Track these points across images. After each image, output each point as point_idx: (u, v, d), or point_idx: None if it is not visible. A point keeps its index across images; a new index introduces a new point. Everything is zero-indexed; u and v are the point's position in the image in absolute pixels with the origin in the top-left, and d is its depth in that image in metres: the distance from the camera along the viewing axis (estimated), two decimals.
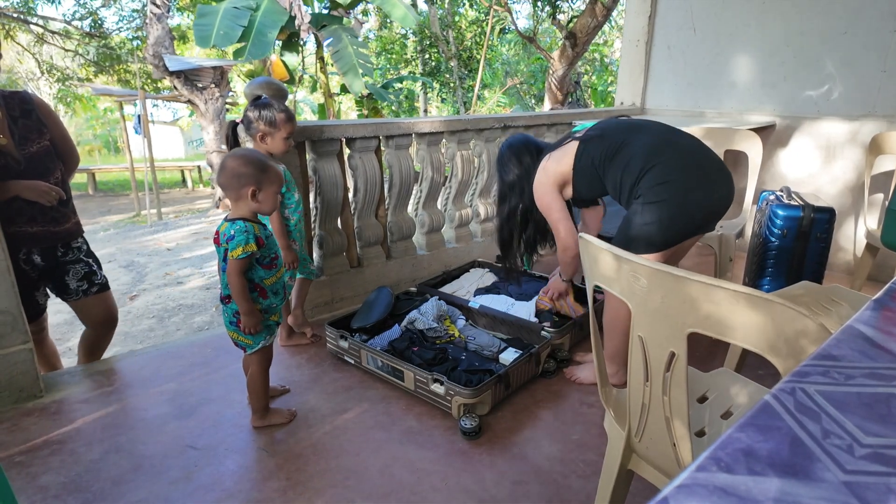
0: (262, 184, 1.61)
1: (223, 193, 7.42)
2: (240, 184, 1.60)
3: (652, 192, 1.75)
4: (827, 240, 2.27)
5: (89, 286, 2.20)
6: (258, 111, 2.03)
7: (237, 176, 1.60)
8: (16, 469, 1.62)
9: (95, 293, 2.22)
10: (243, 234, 1.59)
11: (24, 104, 1.98)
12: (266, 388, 1.83)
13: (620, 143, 1.83)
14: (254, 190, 1.60)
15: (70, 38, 13.29)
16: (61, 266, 2.13)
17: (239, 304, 1.65)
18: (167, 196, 11.11)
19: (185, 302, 4.56)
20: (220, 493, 1.53)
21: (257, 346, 1.73)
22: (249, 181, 1.60)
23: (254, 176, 1.60)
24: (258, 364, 1.76)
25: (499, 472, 1.60)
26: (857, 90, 2.97)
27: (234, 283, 1.61)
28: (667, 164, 1.75)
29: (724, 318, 0.83)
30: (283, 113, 2.04)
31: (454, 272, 2.96)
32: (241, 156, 1.64)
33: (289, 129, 2.06)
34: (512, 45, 16.52)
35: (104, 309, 2.28)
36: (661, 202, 1.74)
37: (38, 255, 2.06)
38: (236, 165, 1.61)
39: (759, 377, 1.38)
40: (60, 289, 2.17)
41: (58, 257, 2.11)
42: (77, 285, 2.17)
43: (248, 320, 1.66)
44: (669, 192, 1.74)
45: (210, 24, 6.57)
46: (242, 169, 1.60)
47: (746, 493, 0.40)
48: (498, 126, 3.31)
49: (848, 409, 0.51)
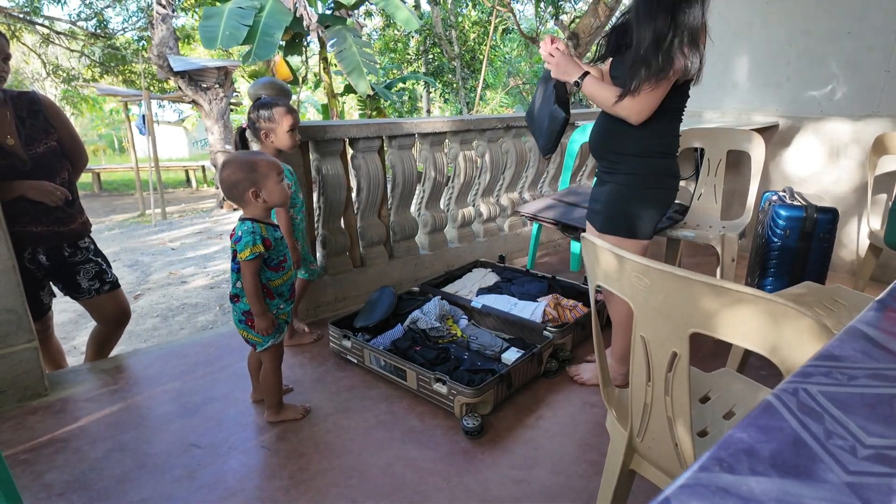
0: (257, 182, 1.61)
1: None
2: (239, 191, 1.61)
3: (665, 179, 1.76)
4: (830, 240, 2.27)
5: (101, 284, 2.22)
6: (258, 111, 2.07)
7: (233, 185, 1.61)
8: (21, 467, 1.62)
9: (108, 291, 2.25)
10: (250, 234, 1.59)
11: (32, 105, 1.99)
12: (279, 384, 1.84)
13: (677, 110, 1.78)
14: (254, 191, 1.61)
15: (75, 38, 13.35)
16: (69, 266, 2.14)
17: (252, 306, 1.66)
18: (171, 196, 11.15)
19: (189, 301, 4.57)
20: (223, 491, 1.54)
21: (267, 344, 1.75)
22: (246, 185, 1.60)
23: (247, 178, 1.61)
24: (270, 361, 1.78)
25: (501, 472, 1.60)
26: (861, 90, 2.96)
27: (248, 284, 1.62)
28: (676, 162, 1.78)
29: (726, 318, 0.83)
30: (280, 106, 2.06)
31: (456, 272, 2.96)
32: (229, 162, 1.64)
33: (289, 121, 2.07)
34: (515, 46, 16.52)
35: (116, 306, 2.31)
36: (666, 192, 1.77)
37: (44, 254, 2.07)
38: (228, 175, 1.61)
39: (761, 377, 1.38)
40: (72, 288, 2.18)
41: (65, 257, 2.12)
42: (89, 284, 2.19)
43: (260, 322, 1.67)
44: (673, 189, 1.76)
45: (216, 26, 6.59)
46: (234, 176, 1.61)
47: (748, 494, 0.40)
48: (500, 126, 3.31)
49: (851, 409, 0.50)
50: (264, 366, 1.80)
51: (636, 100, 1.63)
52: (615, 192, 1.79)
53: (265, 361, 1.78)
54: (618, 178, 1.79)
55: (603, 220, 1.84)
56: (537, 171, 3.70)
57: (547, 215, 2.80)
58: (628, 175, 1.77)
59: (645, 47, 1.56)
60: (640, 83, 1.59)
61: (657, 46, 1.55)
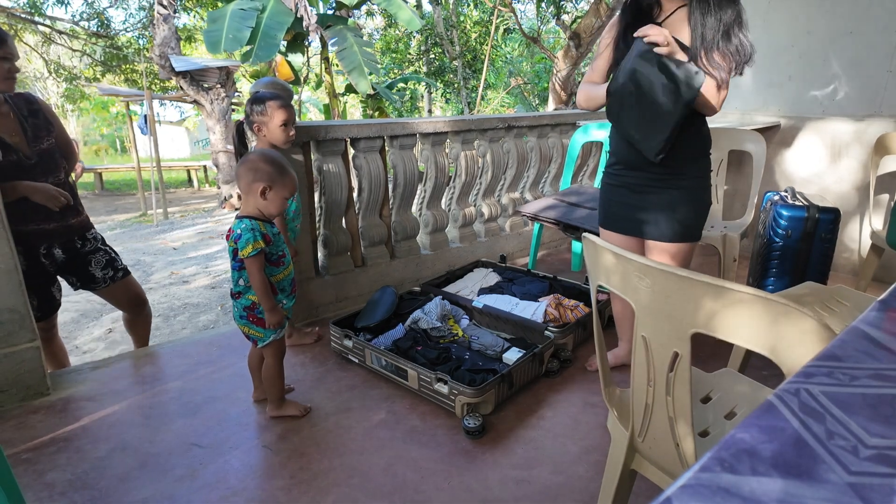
0: (275, 184, 1.65)
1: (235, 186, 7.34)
2: (254, 177, 1.63)
3: (707, 178, 1.75)
4: (832, 240, 2.26)
5: (114, 272, 2.28)
6: (252, 105, 2.07)
7: (254, 170, 1.64)
8: (23, 466, 1.63)
9: (121, 278, 2.30)
10: (249, 231, 1.61)
11: (30, 104, 2.04)
12: (281, 379, 1.86)
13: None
14: (265, 187, 1.64)
15: (77, 38, 13.37)
16: (82, 257, 2.19)
17: (262, 302, 1.68)
18: (173, 195, 11.16)
19: (190, 301, 4.58)
20: (224, 490, 1.54)
21: (268, 339, 1.76)
22: (263, 177, 1.63)
23: (270, 174, 1.64)
24: (272, 356, 1.80)
25: (502, 472, 1.60)
26: (863, 90, 2.96)
27: (256, 280, 1.65)
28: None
29: (727, 318, 0.83)
30: (274, 100, 2.05)
31: (458, 272, 2.96)
32: (264, 153, 1.70)
33: (282, 115, 2.04)
34: (516, 46, 16.51)
35: (131, 292, 2.37)
36: (706, 190, 1.75)
37: (60, 248, 2.11)
38: (257, 159, 1.66)
39: (762, 378, 1.38)
40: (87, 279, 2.22)
41: (77, 249, 2.17)
42: (103, 273, 2.23)
43: (270, 317, 1.70)
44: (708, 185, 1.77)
45: (219, 29, 6.61)
46: (261, 164, 1.65)
47: (750, 494, 0.40)
48: (501, 126, 3.31)
49: (852, 410, 0.50)
50: (266, 360, 1.81)
51: (723, 91, 1.55)
52: (688, 197, 1.70)
53: (267, 356, 1.80)
54: (685, 183, 1.71)
55: (681, 229, 1.73)
56: (538, 170, 3.70)
57: (548, 215, 2.80)
58: (696, 178, 1.71)
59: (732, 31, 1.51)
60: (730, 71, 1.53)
61: (741, 28, 1.51)
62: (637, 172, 1.75)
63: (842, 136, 3.08)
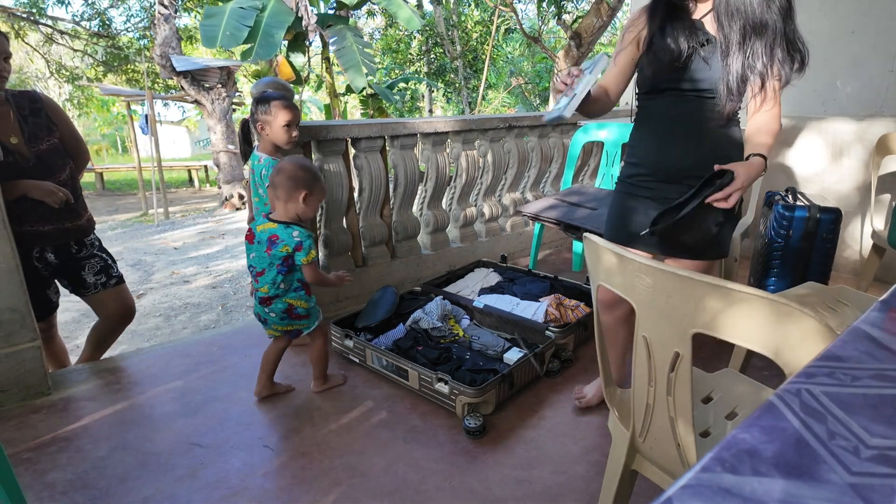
0: (313, 189, 1.77)
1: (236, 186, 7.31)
2: (295, 185, 1.74)
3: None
4: (833, 240, 2.26)
5: (107, 279, 2.24)
6: (257, 104, 2.08)
7: (294, 178, 1.74)
8: (24, 466, 1.63)
9: (113, 286, 2.26)
10: (309, 238, 1.77)
11: (32, 103, 2.01)
12: (327, 358, 2.04)
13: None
14: (306, 194, 1.75)
15: (78, 38, 13.39)
16: (76, 262, 2.16)
17: (328, 285, 1.91)
18: (174, 195, 11.17)
19: (191, 300, 4.58)
20: (225, 490, 1.54)
21: (313, 325, 1.94)
22: (304, 185, 1.75)
23: (308, 181, 1.76)
24: (319, 338, 1.99)
25: (503, 472, 1.60)
26: (865, 90, 2.95)
27: (320, 278, 1.83)
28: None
29: (728, 318, 0.83)
30: (279, 101, 2.06)
31: (459, 272, 2.96)
32: (298, 161, 1.81)
33: (286, 116, 2.05)
34: (517, 45, 16.51)
35: (121, 302, 2.31)
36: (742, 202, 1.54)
37: (52, 252, 2.09)
38: (294, 168, 1.76)
39: (763, 378, 1.38)
40: (77, 284, 2.19)
41: (72, 254, 2.14)
42: (95, 279, 2.20)
43: (336, 285, 1.93)
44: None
45: (217, 25, 6.60)
46: (300, 172, 1.75)
47: (751, 494, 0.40)
48: (502, 126, 3.31)
49: (854, 410, 0.50)
50: (314, 342, 1.99)
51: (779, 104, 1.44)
52: (728, 212, 1.45)
53: (314, 338, 1.98)
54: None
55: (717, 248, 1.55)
56: (539, 170, 3.70)
57: (549, 215, 2.80)
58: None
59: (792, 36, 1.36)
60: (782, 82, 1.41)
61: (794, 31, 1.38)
62: (672, 185, 1.52)
63: (843, 135, 3.08)
